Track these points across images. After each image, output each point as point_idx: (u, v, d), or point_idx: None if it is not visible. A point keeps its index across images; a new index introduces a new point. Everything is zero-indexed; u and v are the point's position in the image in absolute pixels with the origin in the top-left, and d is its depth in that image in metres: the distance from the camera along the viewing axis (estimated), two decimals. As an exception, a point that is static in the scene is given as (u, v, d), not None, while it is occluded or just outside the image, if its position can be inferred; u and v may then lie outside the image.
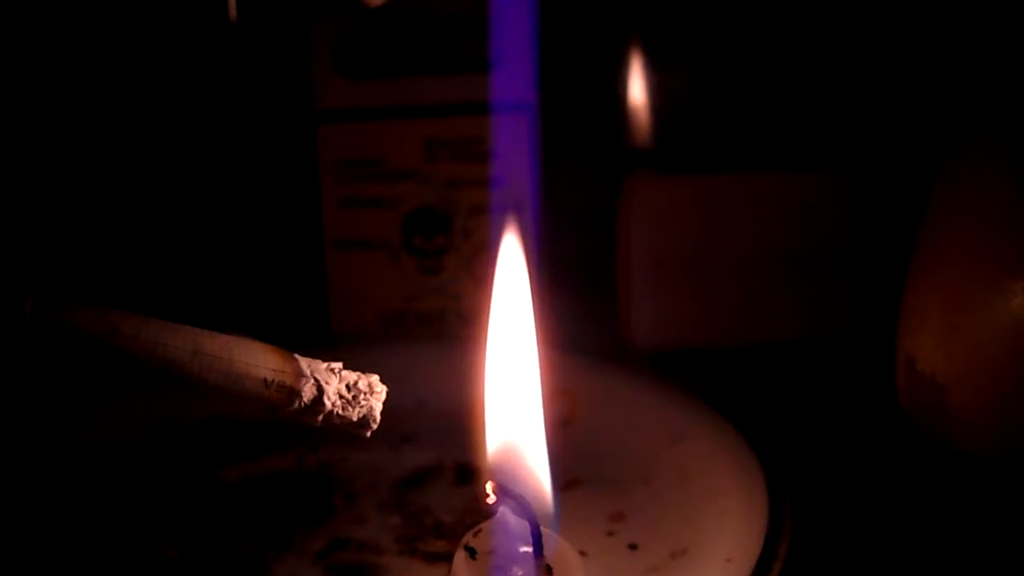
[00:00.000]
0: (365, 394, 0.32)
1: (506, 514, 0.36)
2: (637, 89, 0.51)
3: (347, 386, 0.32)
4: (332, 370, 0.32)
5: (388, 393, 0.34)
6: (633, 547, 0.41)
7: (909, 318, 0.42)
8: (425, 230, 0.52)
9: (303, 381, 0.31)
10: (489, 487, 0.35)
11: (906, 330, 0.42)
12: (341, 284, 0.53)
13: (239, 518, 0.44)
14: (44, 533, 0.42)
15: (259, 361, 0.31)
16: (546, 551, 0.36)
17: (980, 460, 0.40)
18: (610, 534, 0.42)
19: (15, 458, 0.44)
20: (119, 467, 0.45)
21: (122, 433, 0.46)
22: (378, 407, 0.33)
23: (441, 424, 0.46)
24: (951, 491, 0.44)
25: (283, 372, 0.31)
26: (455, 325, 0.53)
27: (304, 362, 0.32)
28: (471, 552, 0.36)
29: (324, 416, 0.32)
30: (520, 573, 0.35)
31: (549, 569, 0.36)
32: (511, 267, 0.38)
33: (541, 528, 0.36)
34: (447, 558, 0.38)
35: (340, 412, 0.32)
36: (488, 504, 0.36)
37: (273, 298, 0.55)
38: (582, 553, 0.38)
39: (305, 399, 0.32)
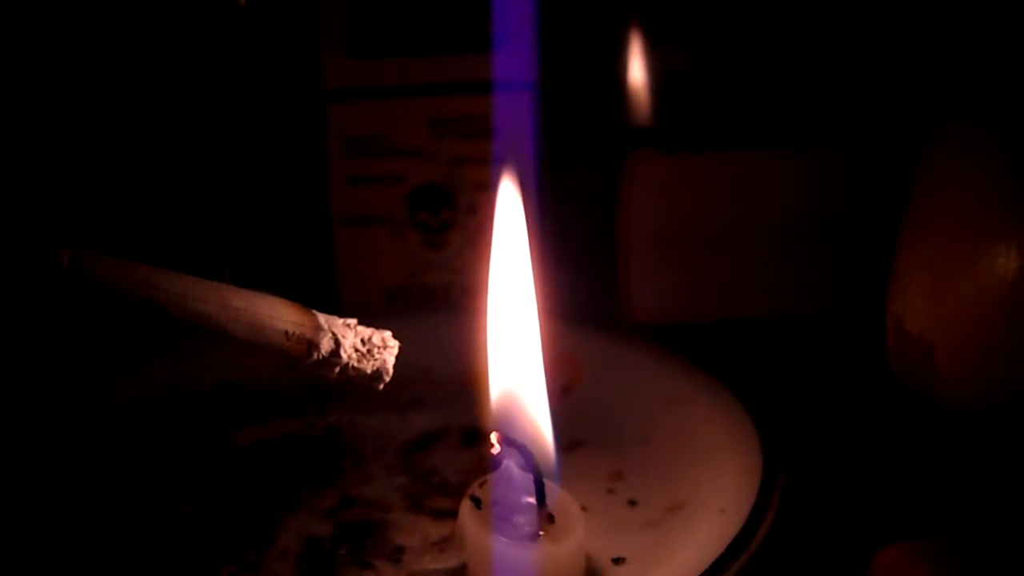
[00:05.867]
0: (379, 348, 0.33)
1: (510, 467, 0.37)
2: (638, 68, 0.51)
3: (362, 340, 0.33)
4: (348, 325, 0.33)
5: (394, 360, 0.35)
6: (632, 503, 0.42)
7: (898, 279, 0.42)
8: (430, 206, 0.53)
9: (321, 334, 0.33)
10: (494, 438, 0.36)
11: (895, 291, 0.42)
12: (348, 259, 0.54)
13: (251, 478, 0.44)
14: (65, 493, 0.43)
15: (280, 315, 0.32)
16: (548, 501, 0.37)
17: (966, 417, 0.40)
18: (610, 492, 0.43)
19: (37, 421, 0.46)
20: (135, 432, 0.46)
21: (138, 399, 0.47)
22: (391, 360, 0.34)
23: (447, 390, 0.47)
24: (938, 447, 0.44)
25: (303, 325, 0.32)
26: (459, 298, 0.54)
27: (322, 317, 0.33)
28: (476, 502, 0.37)
29: (340, 368, 0.33)
30: (523, 521, 0.36)
31: (551, 518, 0.37)
32: (508, 220, 0.39)
33: (544, 479, 0.37)
34: (453, 514, 0.39)
35: (356, 365, 0.33)
36: (493, 455, 0.37)
37: (282, 274, 0.55)
38: (583, 509, 0.39)
39: (323, 351, 0.33)
